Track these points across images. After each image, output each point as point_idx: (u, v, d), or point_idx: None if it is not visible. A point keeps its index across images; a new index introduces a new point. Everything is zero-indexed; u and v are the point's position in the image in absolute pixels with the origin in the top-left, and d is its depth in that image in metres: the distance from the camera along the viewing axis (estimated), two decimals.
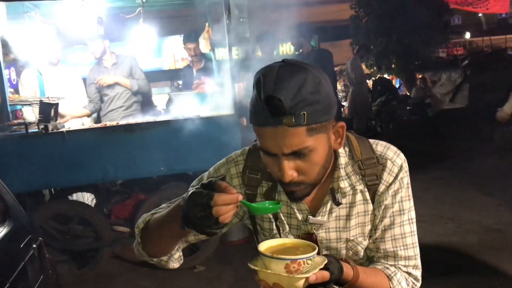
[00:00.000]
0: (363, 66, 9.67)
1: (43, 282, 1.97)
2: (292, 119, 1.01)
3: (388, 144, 1.25)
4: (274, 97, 1.00)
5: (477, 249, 3.89)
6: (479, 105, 10.64)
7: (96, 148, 3.67)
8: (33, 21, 4.15)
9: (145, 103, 4.55)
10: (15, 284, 1.65)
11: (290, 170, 1.07)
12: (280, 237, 1.24)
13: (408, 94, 11.98)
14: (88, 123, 4.52)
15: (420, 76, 11.52)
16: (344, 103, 9.54)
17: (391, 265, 1.22)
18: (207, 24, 4.63)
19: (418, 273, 1.24)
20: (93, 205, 4.22)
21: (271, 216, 1.26)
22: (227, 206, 0.96)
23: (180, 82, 5.12)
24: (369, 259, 1.27)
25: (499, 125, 6.20)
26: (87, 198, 4.34)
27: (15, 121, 3.96)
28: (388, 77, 12.15)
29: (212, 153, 3.79)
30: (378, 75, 11.38)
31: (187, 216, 0.98)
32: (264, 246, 1.04)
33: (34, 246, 1.94)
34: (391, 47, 10.41)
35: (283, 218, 1.25)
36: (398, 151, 1.23)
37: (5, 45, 4.09)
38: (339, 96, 10.45)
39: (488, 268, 3.55)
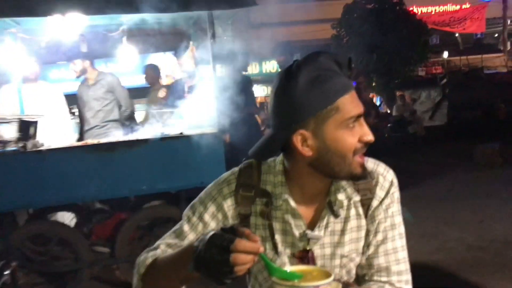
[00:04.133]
0: None
1: None
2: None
3: (378, 161, 1.27)
4: (351, 60, 1.08)
5: (461, 267, 3.90)
6: (458, 122, 10.88)
7: (77, 167, 3.59)
8: (14, 38, 4.09)
9: (128, 120, 4.51)
10: None
11: None
12: (277, 255, 1.21)
13: (389, 112, 12.16)
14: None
15: (403, 94, 11.73)
16: None
17: (385, 282, 1.21)
18: (191, 42, 4.63)
19: None
20: (72, 225, 4.11)
21: (265, 235, 1.23)
22: (247, 255, 0.90)
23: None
24: (359, 278, 1.26)
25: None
26: (67, 218, 4.23)
27: None
28: (369, 95, 12.33)
29: (195, 172, 3.79)
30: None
31: (202, 258, 0.92)
32: (276, 275, 1.00)
33: (7, 272, 1.86)
34: (372, 66, 10.59)
35: (278, 235, 1.22)
36: (388, 168, 1.26)
37: None
38: None
39: (473, 287, 3.56)
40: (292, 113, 1.09)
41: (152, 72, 5.57)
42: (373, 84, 11.18)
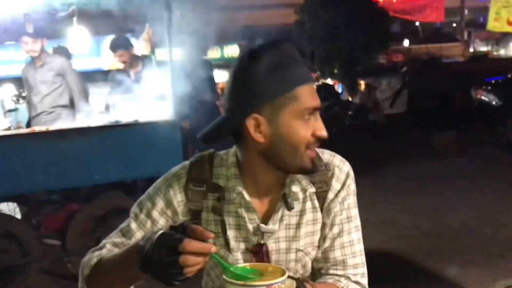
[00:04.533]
0: None
1: None
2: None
3: (333, 153, 1.24)
4: (314, 51, 1.06)
5: (417, 254, 3.97)
6: (417, 110, 11.11)
7: (23, 155, 3.38)
8: None
9: (80, 105, 4.28)
10: None
11: None
12: (229, 252, 1.17)
13: (350, 99, 12.28)
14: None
15: (364, 82, 11.86)
16: None
17: (340, 276, 1.19)
18: (147, 24, 4.44)
19: (365, 281, 1.23)
20: (19, 217, 3.90)
21: (217, 231, 1.17)
22: (197, 257, 0.86)
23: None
24: (314, 272, 1.23)
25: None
26: (13, 208, 4.01)
27: None
28: (330, 83, 12.40)
29: (150, 161, 3.66)
30: (321, 81, 11.60)
31: (150, 259, 0.88)
32: (228, 274, 0.95)
33: None
34: (334, 53, 10.64)
35: (231, 230, 1.17)
36: (344, 159, 1.24)
37: None
38: None
39: (429, 273, 3.63)
40: (249, 97, 1.07)
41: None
42: (335, 71, 11.25)
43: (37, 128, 3.72)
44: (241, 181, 1.15)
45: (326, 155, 1.23)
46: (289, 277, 1.01)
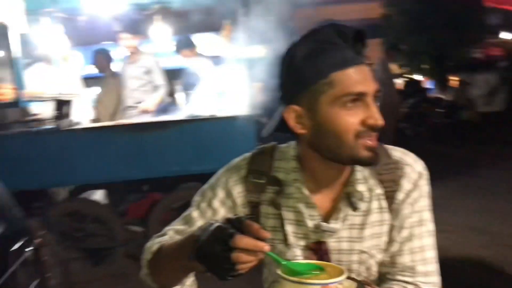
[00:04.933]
0: (394, 67, 9.40)
1: (38, 286, 1.89)
2: (369, 57, 1.01)
3: (406, 150, 1.16)
4: (363, 32, 0.98)
5: (510, 265, 3.62)
6: None
7: (109, 146, 3.62)
8: (51, 17, 4.14)
9: (163, 101, 4.48)
10: None
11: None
12: (287, 247, 1.14)
13: (441, 96, 11.58)
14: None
15: (457, 79, 11.12)
16: None
17: (409, 283, 1.10)
18: (226, 20, 4.52)
19: None
20: (108, 204, 4.18)
21: (276, 225, 1.15)
22: (249, 255, 0.84)
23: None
24: (381, 277, 1.15)
25: None
26: (102, 196, 4.31)
27: (30, 118, 3.95)
28: (419, 78, 11.78)
29: (227, 154, 3.70)
30: (409, 76, 11.06)
31: (204, 250, 0.88)
32: (283, 269, 0.92)
33: (28, 249, 1.87)
34: (423, 47, 10.07)
35: (290, 225, 1.14)
36: (417, 158, 1.15)
37: (26, 42, 4.10)
38: None
39: None
40: (286, 88, 1.05)
41: (102, 58, 4.84)
42: (425, 66, 10.64)
43: (122, 121, 3.95)
44: (300, 174, 1.12)
45: (397, 152, 1.15)
46: (349, 278, 0.97)
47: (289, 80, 1.04)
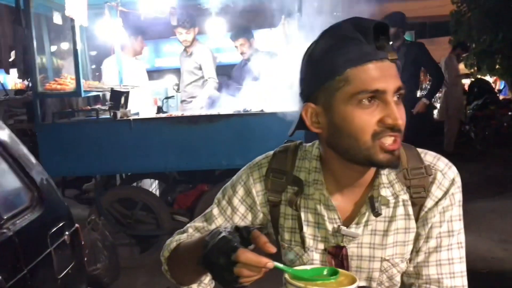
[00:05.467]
0: (461, 66, 8.89)
1: (74, 268, 1.99)
2: (394, 53, 0.94)
3: (439, 155, 1.09)
4: (384, 24, 0.93)
5: None
6: None
7: (160, 137, 3.73)
8: (114, 11, 4.30)
9: (212, 95, 4.53)
10: (36, 271, 1.66)
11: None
12: (304, 250, 1.11)
13: None
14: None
15: None
16: (436, 105, 8.84)
17: None
18: (283, 17, 4.49)
19: None
20: (157, 193, 4.31)
21: (295, 226, 1.13)
22: (251, 270, 0.84)
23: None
24: (405, 287, 1.11)
25: None
26: (153, 185, 4.45)
27: (89, 107, 4.16)
28: (488, 79, 11.05)
29: (273, 148, 3.70)
30: (477, 76, 10.40)
31: (209, 258, 0.89)
32: (290, 274, 0.91)
33: (66, 233, 1.96)
34: (496, 46, 9.41)
35: (309, 228, 1.11)
36: (450, 164, 1.09)
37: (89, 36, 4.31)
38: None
39: None
40: (304, 85, 1.03)
41: None
42: (496, 67, 9.96)
43: (174, 114, 4.05)
44: (321, 175, 1.08)
45: (429, 157, 1.09)
46: (363, 287, 0.93)
47: (307, 77, 1.01)
